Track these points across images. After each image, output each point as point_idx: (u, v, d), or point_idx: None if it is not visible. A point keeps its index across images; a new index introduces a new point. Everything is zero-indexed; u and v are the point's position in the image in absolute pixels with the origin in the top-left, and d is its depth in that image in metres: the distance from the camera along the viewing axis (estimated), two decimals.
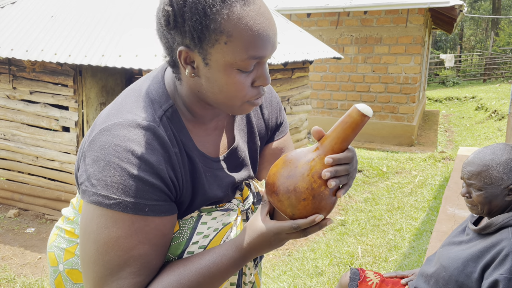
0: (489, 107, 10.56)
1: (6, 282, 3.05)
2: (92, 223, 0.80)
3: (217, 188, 0.95)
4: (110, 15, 3.63)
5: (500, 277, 1.29)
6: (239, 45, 0.76)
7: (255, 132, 1.05)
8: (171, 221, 0.85)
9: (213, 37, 0.76)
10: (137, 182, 0.78)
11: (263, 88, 0.85)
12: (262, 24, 0.77)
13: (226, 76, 0.79)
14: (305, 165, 0.79)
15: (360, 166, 5.71)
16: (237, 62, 0.77)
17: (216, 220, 0.96)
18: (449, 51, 25.89)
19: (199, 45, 0.78)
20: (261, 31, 0.77)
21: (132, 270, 0.79)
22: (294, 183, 0.79)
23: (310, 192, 0.78)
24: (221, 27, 0.75)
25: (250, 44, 0.76)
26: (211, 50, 0.77)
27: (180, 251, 0.90)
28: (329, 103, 8.28)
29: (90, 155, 0.81)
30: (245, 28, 0.75)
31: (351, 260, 3.26)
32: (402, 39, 7.53)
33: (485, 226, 1.43)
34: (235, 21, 0.75)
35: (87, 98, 3.87)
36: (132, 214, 0.78)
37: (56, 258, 1.05)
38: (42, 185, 4.12)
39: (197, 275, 0.83)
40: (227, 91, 0.81)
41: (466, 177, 1.47)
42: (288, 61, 3.91)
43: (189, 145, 0.89)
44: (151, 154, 0.80)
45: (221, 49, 0.77)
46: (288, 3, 8.03)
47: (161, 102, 0.87)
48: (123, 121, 0.82)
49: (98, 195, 0.78)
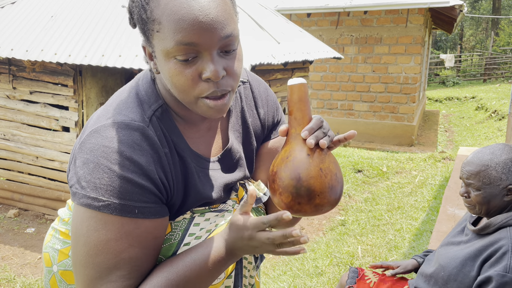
0: (489, 107, 10.57)
1: (6, 282, 3.05)
2: (82, 225, 0.79)
3: (210, 189, 0.93)
4: (110, 15, 3.63)
5: (494, 274, 1.29)
6: (167, 32, 0.73)
7: (251, 133, 1.04)
8: (163, 223, 0.84)
9: (150, 26, 0.76)
10: (126, 184, 0.77)
11: (220, 83, 0.78)
12: (191, 8, 0.72)
13: (168, 67, 0.77)
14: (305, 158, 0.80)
15: (360, 166, 5.71)
16: (168, 50, 0.74)
17: (209, 221, 0.95)
18: (449, 51, 25.89)
19: (146, 38, 0.79)
20: (187, 15, 0.72)
21: (122, 273, 0.79)
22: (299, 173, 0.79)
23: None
24: (153, 16, 0.74)
25: (176, 29, 0.72)
26: (153, 40, 0.77)
27: (171, 253, 0.89)
28: (329, 103, 8.28)
29: (80, 157, 0.80)
30: (170, 13, 0.72)
31: (351, 260, 3.26)
32: (402, 39, 7.53)
33: (484, 227, 1.43)
34: (162, 7, 0.73)
35: (87, 98, 3.87)
36: (122, 216, 0.78)
37: (51, 259, 1.05)
38: (42, 185, 4.12)
39: (184, 269, 0.82)
40: (175, 84, 0.78)
41: (465, 177, 1.47)
42: (288, 61, 3.91)
43: (181, 145, 0.88)
44: (140, 155, 0.79)
45: (157, 38, 0.75)
46: (288, 3, 8.03)
47: (151, 102, 0.87)
48: (112, 122, 0.81)
49: (87, 197, 0.78)
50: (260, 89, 1.07)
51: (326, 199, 0.79)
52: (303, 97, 0.82)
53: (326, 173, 0.79)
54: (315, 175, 0.78)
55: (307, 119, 0.82)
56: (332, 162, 0.81)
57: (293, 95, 0.82)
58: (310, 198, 0.78)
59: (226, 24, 0.75)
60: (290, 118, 0.84)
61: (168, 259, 0.86)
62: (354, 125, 8.11)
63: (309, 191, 0.77)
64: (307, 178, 0.78)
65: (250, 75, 1.07)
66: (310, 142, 0.78)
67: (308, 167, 0.78)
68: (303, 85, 0.82)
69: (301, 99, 0.82)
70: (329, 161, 0.81)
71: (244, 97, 1.03)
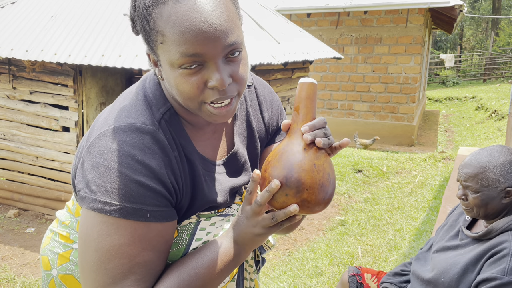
0: (489, 107, 10.57)
1: (6, 282, 3.05)
2: (93, 230, 0.77)
3: (216, 192, 0.93)
4: (110, 15, 3.63)
5: (492, 275, 1.27)
6: (171, 43, 0.73)
7: (256, 136, 1.03)
8: (172, 226, 0.83)
9: (154, 38, 0.76)
10: (138, 188, 0.76)
11: (225, 90, 0.78)
12: (194, 19, 0.72)
13: (173, 76, 0.77)
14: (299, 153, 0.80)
15: (360, 166, 5.71)
16: (173, 60, 0.74)
17: (215, 225, 0.95)
18: (449, 51, 25.89)
19: (150, 47, 0.78)
20: (190, 26, 0.72)
21: (136, 278, 0.78)
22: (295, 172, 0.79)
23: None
24: (156, 27, 0.74)
25: (180, 41, 0.72)
26: (157, 51, 0.77)
27: (180, 258, 0.89)
28: (329, 103, 8.28)
29: (89, 161, 0.78)
30: (173, 24, 0.72)
31: (351, 260, 3.26)
32: (402, 39, 7.53)
33: (486, 233, 1.41)
34: (165, 19, 0.73)
35: (87, 98, 3.87)
36: (134, 221, 0.77)
37: (50, 262, 1.03)
38: (42, 185, 4.12)
39: (195, 268, 0.82)
40: (181, 91, 0.78)
41: (462, 179, 1.45)
42: (288, 61, 3.91)
43: (188, 148, 0.87)
44: (151, 158, 0.78)
45: (162, 49, 0.75)
46: (288, 3, 8.03)
47: (159, 105, 0.86)
48: (121, 125, 0.80)
49: (98, 202, 0.76)
50: (265, 92, 1.07)
51: (314, 195, 0.77)
52: (311, 95, 0.83)
53: (319, 169, 0.78)
54: (307, 168, 0.77)
55: (311, 117, 0.83)
56: (327, 162, 0.81)
57: (301, 92, 0.84)
58: (298, 190, 0.76)
59: (230, 32, 0.75)
60: (294, 114, 0.84)
61: (179, 260, 0.85)
62: (354, 125, 8.11)
63: (298, 183, 0.76)
64: (299, 170, 0.77)
65: (255, 79, 1.07)
66: (307, 137, 0.79)
67: (302, 159, 0.78)
68: (313, 85, 0.84)
69: (309, 96, 0.83)
70: (324, 160, 0.80)
71: (249, 101, 1.03)
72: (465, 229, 1.51)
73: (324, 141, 0.79)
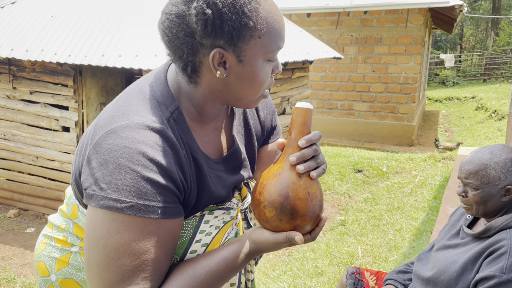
0: (489, 107, 10.57)
1: (6, 282, 3.05)
2: (101, 228, 0.77)
3: (221, 189, 0.95)
4: (110, 15, 3.63)
5: (490, 274, 1.27)
6: (271, 37, 0.82)
7: (253, 134, 1.06)
8: (180, 223, 0.84)
9: (249, 33, 0.80)
10: (150, 185, 0.77)
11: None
12: (280, 20, 0.84)
13: (259, 69, 0.84)
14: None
15: (360, 166, 5.71)
16: (268, 53, 0.83)
17: (217, 218, 0.97)
18: (449, 51, 25.89)
19: (235, 43, 0.80)
20: (282, 22, 0.85)
21: (144, 275, 0.77)
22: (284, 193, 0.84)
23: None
24: (256, 23, 0.79)
25: (278, 35, 0.83)
26: (246, 46, 0.81)
27: (183, 250, 0.90)
28: (329, 103, 8.28)
29: (96, 159, 0.78)
30: (273, 21, 0.82)
31: (351, 260, 3.26)
32: (402, 39, 7.53)
33: (485, 230, 1.41)
34: (265, 15, 0.80)
35: (87, 98, 3.87)
36: (145, 218, 0.76)
37: (47, 268, 1.02)
38: (42, 185, 4.12)
39: (207, 275, 0.83)
40: (258, 83, 0.85)
41: (463, 176, 1.46)
42: (288, 61, 3.91)
43: (193, 147, 0.89)
44: (162, 156, 0.79)
45: (255, 44, 0.81)
46: (288, 3, 8.03)
47: (167, 103, 0.86)
48: (130, 123, 0.80)
49: (108, 199, 0.76)
50: None
51: (306, 222, 0.83)
52: (307, 122, 0.86)
53: (312, 197, 0.83)
54: (302, 197, 0.82)
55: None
56: (318, 188, 0.86)
57: (298, 117, 0.87)
58: (292, 217, 0.82)
59: None
60: (289, 138, 0.87)
61: (188, 263, 0.86)
62: (354, 125, 8.11)
63: (293, 211, 0.81)
64: (295, 198, 0.81)
65: None
66: (300, 169, 0.83)
67: (298, 188, 0.82)
68: (309, 110, 0.87)
69: (305, 123, 0.86)
70: (316, 187, 0.85)
71: None
72: (466, 228, 1.51)
73: (318, 173, 0.85)
